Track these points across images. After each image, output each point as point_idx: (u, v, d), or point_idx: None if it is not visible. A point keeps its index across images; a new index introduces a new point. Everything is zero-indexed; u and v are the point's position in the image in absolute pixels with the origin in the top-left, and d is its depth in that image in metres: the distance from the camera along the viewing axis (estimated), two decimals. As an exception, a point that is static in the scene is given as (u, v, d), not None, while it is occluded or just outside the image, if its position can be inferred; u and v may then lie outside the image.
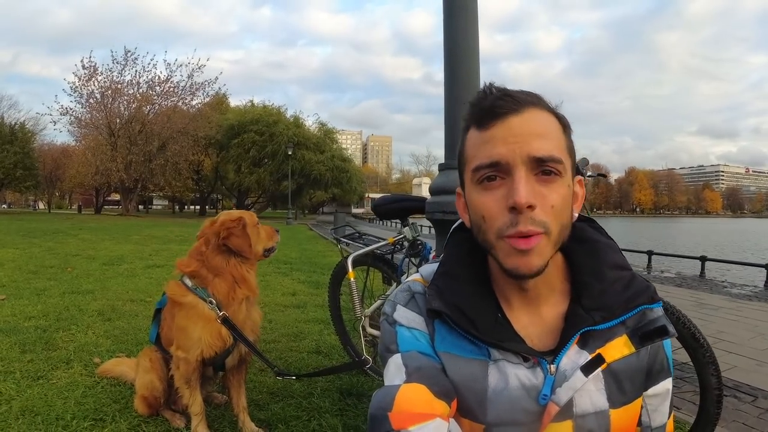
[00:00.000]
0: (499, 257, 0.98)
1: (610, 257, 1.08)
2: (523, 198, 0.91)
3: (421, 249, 3.22)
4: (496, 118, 0.96)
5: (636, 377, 1.04)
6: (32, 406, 2.88)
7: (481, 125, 0.99)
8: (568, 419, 0.99)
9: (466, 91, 2.69)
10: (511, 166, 0.94)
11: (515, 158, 0.94)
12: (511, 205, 0.93)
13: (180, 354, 2.59)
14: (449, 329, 1.05)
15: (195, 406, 2.63)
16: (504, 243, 0.95)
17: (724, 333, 5.51)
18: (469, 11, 2.69)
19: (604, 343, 1.01)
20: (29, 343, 4.05)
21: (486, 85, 1.02)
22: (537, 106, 0.99)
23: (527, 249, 0.93)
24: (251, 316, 2.73)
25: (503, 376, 1.00)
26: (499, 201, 0.95)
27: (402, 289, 1.17)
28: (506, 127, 0.95)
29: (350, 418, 2.93)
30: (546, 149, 0.94)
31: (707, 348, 2.29)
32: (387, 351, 1.10)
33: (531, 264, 0.95)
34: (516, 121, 0.95)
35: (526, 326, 1.05)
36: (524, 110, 0.96)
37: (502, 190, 0.95)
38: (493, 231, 0.97)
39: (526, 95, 0.99)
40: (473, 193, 1.01)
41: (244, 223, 2.67)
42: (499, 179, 0.96)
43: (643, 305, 1.03)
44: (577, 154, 1.04)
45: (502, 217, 0.94)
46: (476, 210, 1.00)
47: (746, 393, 3.69)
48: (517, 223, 0.93)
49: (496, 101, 0.97)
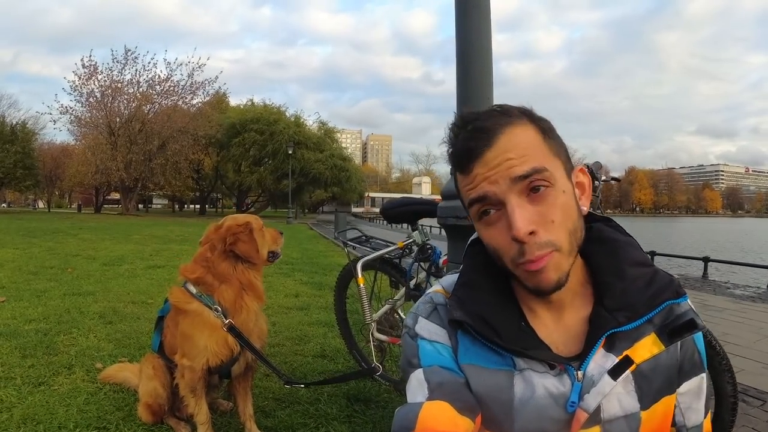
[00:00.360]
0: (520, 279, 0.99)
1: (630, 255, 1.06)
2: (521, 230, 0.92)
3: (430, 253, 3.18)
4: (473, 159, 0.97)
5: (667, 375, 1.01)
6: (34, 413, 2.84)
7: (462, 170, 1.00)
8: (596, 425, 0.97)
9: (480, 91, 2.66)
10: (500, 198, 0.95)
11: (501, 189, 0.94)
12: (512, 237, 0.93)
13: (185, 362, 2.55)
14: (472, 340, 1.03)
15: (201, 415, 2.60)
16: (520, 270, 0.96)
17: (729, 335, 5.46)
18: (483, 10, 2.65)
19: (632, 343, 0.98)
20: (30, 347, 4.00)
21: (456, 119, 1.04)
22: (508, 126, 0.98)
23: (539, 269, 0.94)
24: (258, 324, 2.70)
25: (529, 385, 0.98)
26: (503, 233, 0.96)
27: (424, 301, 1.14)
28: (483, 163, 0.96)
29: (358, 425, 2.89)
30: (529, 164, 0.94)
31: (723, 356, 2.27)
32: (409, 365, 1.07)
33: (549, 279, 0.95)
34: (491, 155, 0.96)
35: (550, 333, 1.03)
36: (496, 140, 0.96)
37: (502, 222, 0.96)
38: (508, 260, 0.97)
39: (497, 117, 0.99)
40: (479, 228, 1.03)
41: (251, 228, 2.64)
42: (495, 212, 0.97)
43: (668, 300, 1.00)
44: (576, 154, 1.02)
45: (511, 249, 0.95)
46: (487, 243, 1.01)
47: (754, 397, 3.65)
48: (524, 252, 0.93)
49: (467, 143, 0.98)
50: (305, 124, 48.86)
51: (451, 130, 1.03)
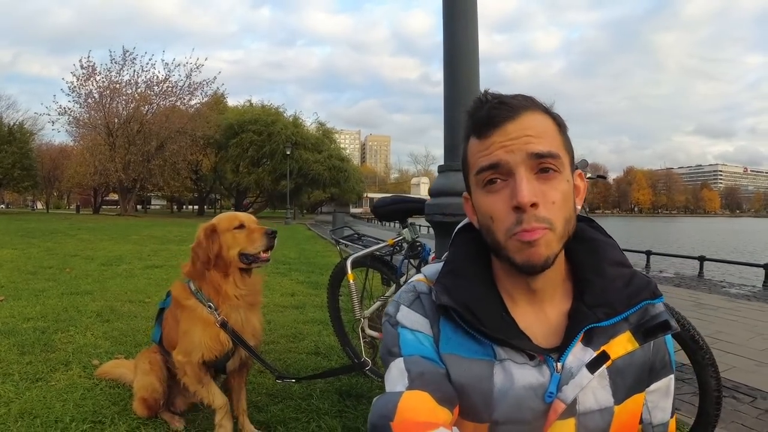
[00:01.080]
0: (510, 254, 0.99)
1: (610, 254, 1.10)
2: (525, 197, 0.94)
3: (420, 250, 3.22)
4: (493, 127, 1.00)
5: (639, 372, 1.05)
6: (31, 408, 2.88)
7: (480, 134, 1.02)
8: (571, 417, 1.00)
9: (466, 93, 2.69)
10: (512, 167, 0.97)
11: (515, 159, 0.97)
12: (514, 204, 0.95)
13: (181, 358, 2.59)
14: (454, 329, 1.05)
15: (217, 399, 2.63)
16: (513, 241, 0.97)
17: (722, 333, 5.52)
18: (469, 14, 2.69)
19: (608, 339, 1.01)
20: (28, 344, 4.05)
21: (481, 94, 1.06)
22: (531, 109, 1.02)
23: (533, 240, 0.95)
24: (251, 322, 2.70)
25: (509, 375, 1.00)
26: (504, 202, 0.98)
27: (406, 290, 1.16)
28: (503, 133, 0.99)
29: (349, 420, 2.93)
30: (542, 146, 0.97)
31: (706, 350, 2.30)
32: (389, 354, 1.09)
33: (540, 254, 0.97)
34: (512, 127, 0.99)
35: (531, 325, 1.05)
36: (519, 115, 1.00)
37: (506, 191, 0.98)
38: (501, 231, 0.99)
39: (521, 100, 1.03)
40: (480, 197, 1.04)
41: (213, 230, 2.61)
42: (500, 182, 0.99)
43: (645, 301, 1.04)
44: (575, 155, 1.07)
45: (509, 218, 0.97)
46: (484, 212, 1.03)
47: (745, 393, 3.69)
48: (522, 221, 0.95)
49: (492, 110, 1.01)
50: (303, 125, 48.70)
51: (476, 101, 1.05)
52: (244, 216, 2.68)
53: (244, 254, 2.57)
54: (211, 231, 2.60)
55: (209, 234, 2.59)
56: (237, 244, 2.57)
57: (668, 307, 2.23)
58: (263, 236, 2.58)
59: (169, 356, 2.73)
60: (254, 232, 2.59)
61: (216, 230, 2.60)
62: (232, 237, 2.58)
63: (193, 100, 44.58)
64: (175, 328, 2.69)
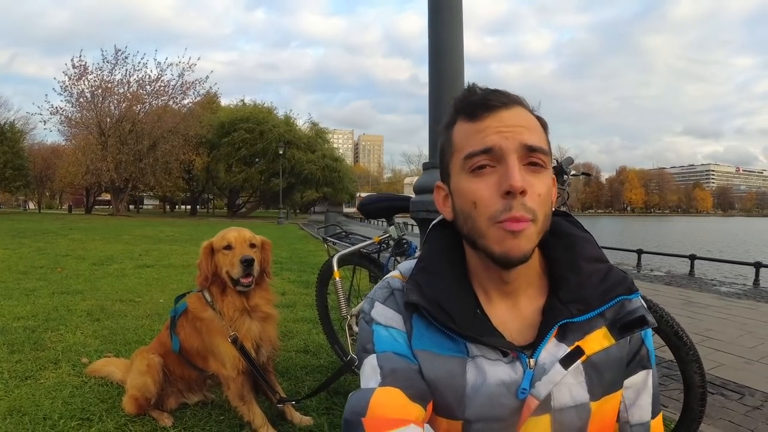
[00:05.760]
0: (489, 244, 0.98)
1: (586, 250, 1.09)
2: (518, 182, 0.93)
3: (406, 248, 3.23)
4: (488, 111, 0.99)
5: (616, 368, 1.04)
6: (20, 406, 2.88)
7: (473, 117, 1.01)
8: (546, 413, 1.00)
9: (451, 90, 2.70)
10: (505, 153, 0.96)
11: (508, 146, 0.96)
12: (506, 189, 0.94)
13: (225, 372, 2.62)
14: (427, 325, 1.05)
15: (257, 419, 2.67)
16: (496, 229, 0.96)
17: (712, 331, 5.54)
18: (454, 9, 2.69)
19: (583, 335, 1.01)
20: (18, 343, 4.05)
21: (470, 84, 1.06)
22: (522, 105, 1.03)
23: (518, 231, 0.95)
24: (267, 333, 2.73)
25: (481, 372, 1.00)
26: (491, 187, 0.97)
27: (381, 286, 1.16)
28: (498, 118, 0.98)
29: (336, 417, 2.93)
30: (535, 140, 0.97)
31: (690, 346, 2.31)
32: (363, 351, 1.09)
33: (521, 247, 0.96)
34: (507, 114, 0.99)
35: (504, 321, 1.05)
36: (513, 106, 1.00)
37: (494, 177, 0.97)
38: (485, 217, 0.97)
39: (512, 96, 1.03)
40: (463, 181, 1.01)
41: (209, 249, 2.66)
42: (489, 168, 0.98)
43: (620, 296, 1.04)
44: (566, 154, 1.07)
45: (495, 204, 0.96)
46: (467, 197, 1.00)
47: (733, 391, 3.71)
48: (511, 208, 0.94)
49: (487, 95, 1.01)
50: (295, 124, 48.71)
51: (466, 90, 1.06)
52: (233, 236, 2.63)
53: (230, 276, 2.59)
54: (210, 249, 2.64)
55: (207, 252, 2.63)
56: (224, 265, 2.59)
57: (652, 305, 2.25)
58: (238, 263, 2.54)
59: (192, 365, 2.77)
60: (235, 256, 2.56)
61: (213, 248, 2.64)
62: (222, 257, 2.60)
63: (186, 100, 44.64)
64: (194, 338, 2.72)
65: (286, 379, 3.49)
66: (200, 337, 2.69)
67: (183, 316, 2.77)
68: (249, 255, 2.55)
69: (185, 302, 2.78)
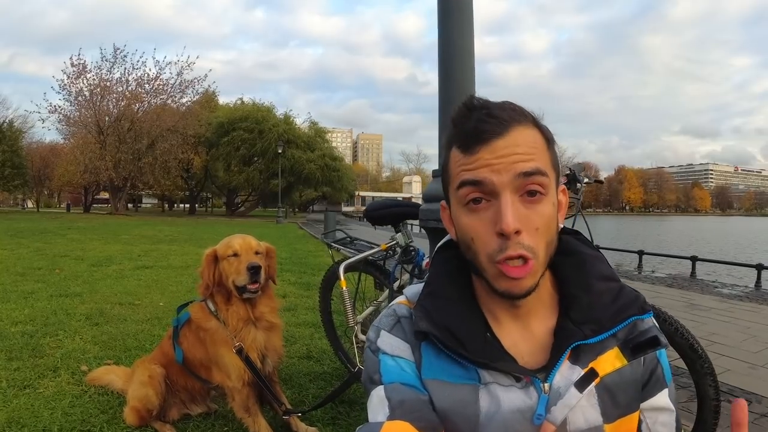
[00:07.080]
0: (490, 279, 0.96)
1: (597, 269, 1.06)
2: (510, 225, 0.90)
3: (413, 255, 3.19)
4: (480, 143, 0.94)
5: (631, 390, 1.01)
6: (19, 416, 2.84)
7: (466, 149, 0.96)
8: None
9: (461, 93, 2.67)
10: (497, 189, 0.93)
11: (501, 180, 0.92)
12: (498, 231, 0.92)
13: (230, 384, 2.59)
14: (437, 354, 1.02)
15: (262, 430, 2.65)
16: (495, 268, 0.94)
17: (716, 335, 5.51)
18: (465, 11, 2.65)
19: (596, 356, 0.99)
20: (16, 349, 4.00)
21: (467, 100, 1.00)
22: (521, 122, 0.96)
23: (517, 277, 0.93)
24: (272, 343, 2.70)
25: (495, 399, 0.97)
26: (486, 224, 0.94)
27: (387, 314, 1.12)
28: (491, 150, 0.94)
29: (342, 427, 2.91)
30: (531, 164, 0.93)
31: (705, 359, 2.29)
32: (370, 381, 1.05)
33: (522, 286, 0.94)
34: (501, 143, 0.94)
35: (516, 343, 1.02)
36: (508, 131, 0.94)
37: (489, 213, 0.94)
38: (483, 254, 0.95)
39: (510, 113, 0.96)
40: (460, 214, 0.99)
41: (213, 257, 2.63)
42: (484, 201, 0.95)
43: (633, 316, 1.01)
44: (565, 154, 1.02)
45: (492, 242, 0.93)
46: (464, 231, 0.98)
47: (739, 397, 3.66)
48: (506, 248, 0.92)
49: (480, 124, 0.95)
50: (295, 123, 48.68)
51: (462, 108, 1.00)
52: (238, 243, 2.62)
53: (235, 284, 2.56)
54: (213, 257, 2.61)
55: (210, 261, 2.60)
56: (230, 273, 2.56)
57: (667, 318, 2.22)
58: (245, 270, 2.52)
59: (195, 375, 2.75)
60: (241, 263, 2.54)
61: (217, 256, 2.61)
62: (228, 265, 2.57)
63: (184, 98, 44.65)
64: (197, 349, 2.69)
65: (290, 386, 3.45)
66: (204, 347, 2.65)
67: (186, 325, 2.73)
68: (256, 262, 2.54)
69: (188, 312, 2.73)
